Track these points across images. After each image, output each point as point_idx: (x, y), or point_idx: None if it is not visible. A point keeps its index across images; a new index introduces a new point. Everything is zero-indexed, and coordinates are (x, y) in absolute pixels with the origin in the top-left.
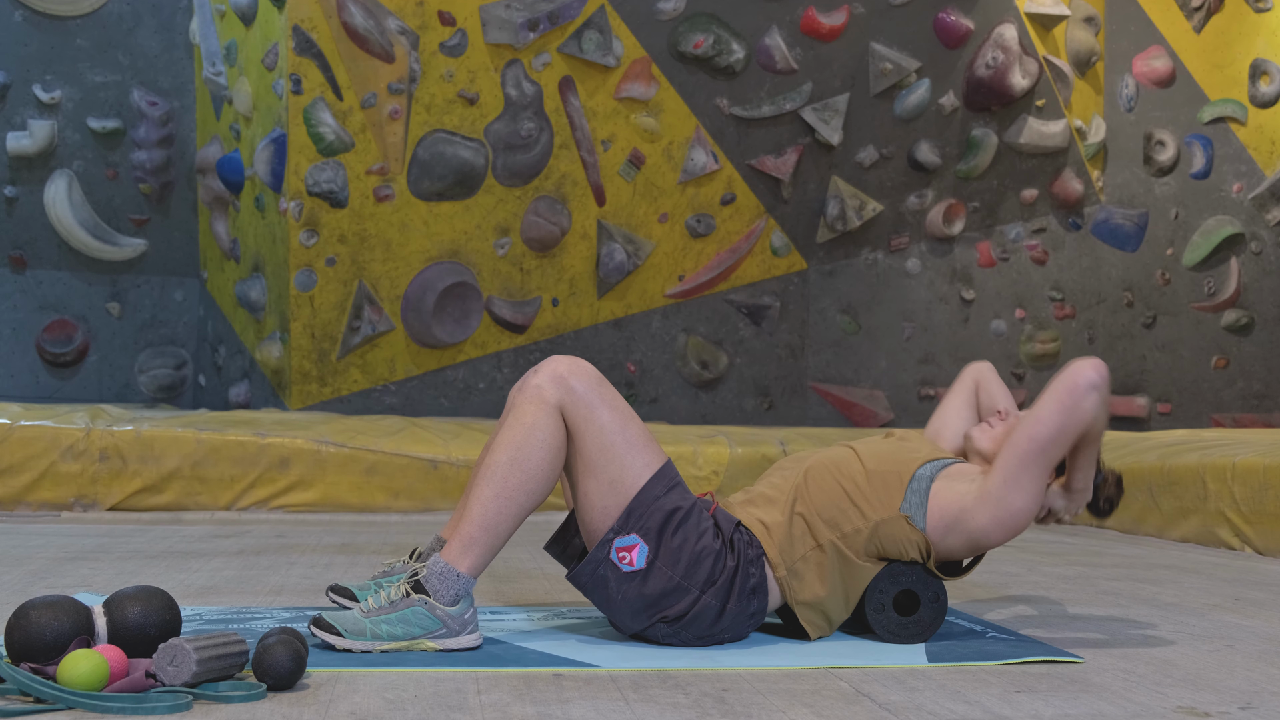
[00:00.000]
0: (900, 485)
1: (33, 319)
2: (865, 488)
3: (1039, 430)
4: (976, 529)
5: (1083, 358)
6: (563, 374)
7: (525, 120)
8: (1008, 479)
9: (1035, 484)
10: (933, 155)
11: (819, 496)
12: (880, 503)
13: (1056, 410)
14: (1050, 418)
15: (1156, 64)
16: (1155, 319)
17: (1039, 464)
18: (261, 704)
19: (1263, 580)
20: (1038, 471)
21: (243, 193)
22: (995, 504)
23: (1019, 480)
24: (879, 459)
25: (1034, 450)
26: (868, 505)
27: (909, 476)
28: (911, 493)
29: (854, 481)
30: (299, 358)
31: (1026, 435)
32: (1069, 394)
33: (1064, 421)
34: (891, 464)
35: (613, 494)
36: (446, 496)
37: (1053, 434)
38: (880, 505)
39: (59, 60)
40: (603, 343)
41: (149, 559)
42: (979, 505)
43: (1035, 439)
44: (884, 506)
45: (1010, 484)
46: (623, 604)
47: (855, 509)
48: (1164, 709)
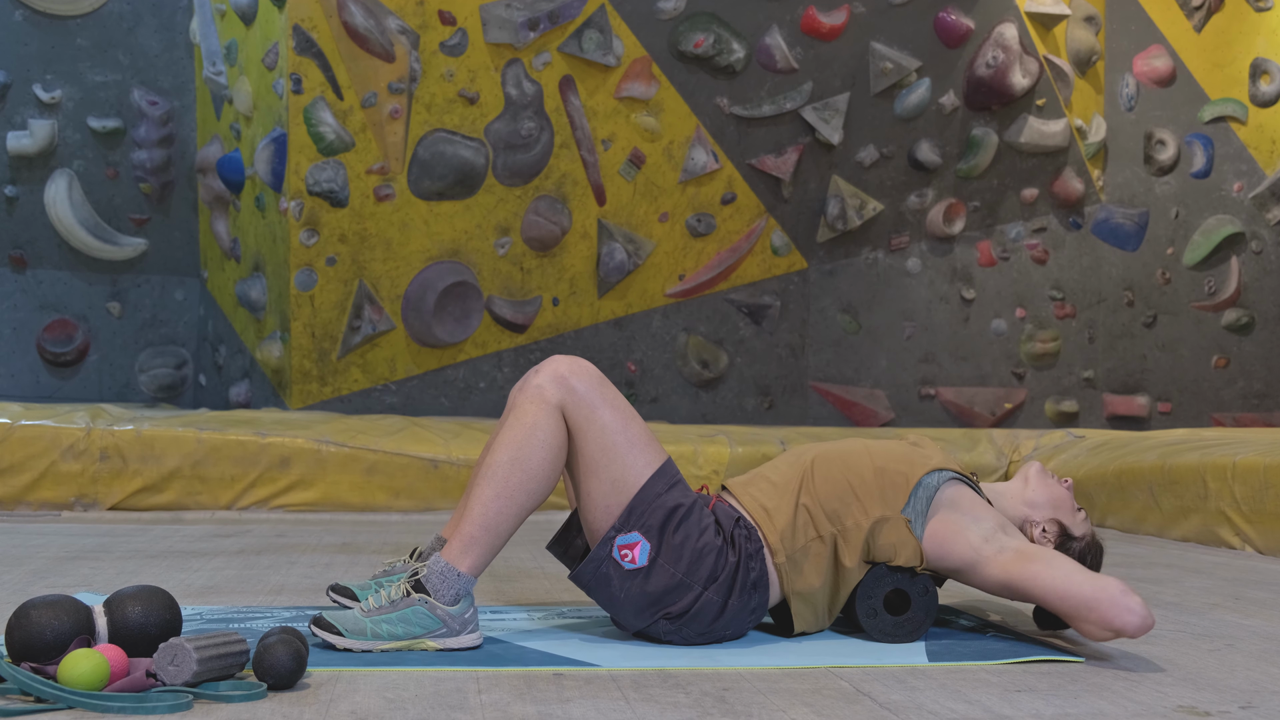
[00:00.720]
0: (905, 487)
1: (33, 318)
2: (871, 484)
3: (1054, 600)
4: (973, 581)
5: (1142, 604)
6: (564, 374)
7: (525, 120)
8: (1007, 586)
9: (1020, 600)
10: (933, 155)
11: (824, 487)
12: (884, 501)
13: (1079, 608)
14: (1073, 604)
15: (1157, 63)
16: (1156, 318)
17: (1032, 601)
18: (262, 703)
19: (1263, 579)
20: (1028, 601)
21: (243, 192)
22: (984, 583)
23: (1012, 594)
24: (888, 458)
25: (1038, 598)
26: (871, 502)
27: (915, 480)
28: (915, 498)
29: (861, 476)
30: (299, 357)
31: (1046, 588)
32: (1099, 616)
33: (1073, 617)
34: (900, 465)
35: (614, 493)
36: (447, 496)
37: (1059, 610)
38: (883, 504)
39: (59, 60)
40: (603, 342)
41: (149, 558)
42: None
43: (1045, 597)
44: (887, 505)
45: (1004, 589)
46: (626, 602)
47: (858, 503)
48: (1164, 708)
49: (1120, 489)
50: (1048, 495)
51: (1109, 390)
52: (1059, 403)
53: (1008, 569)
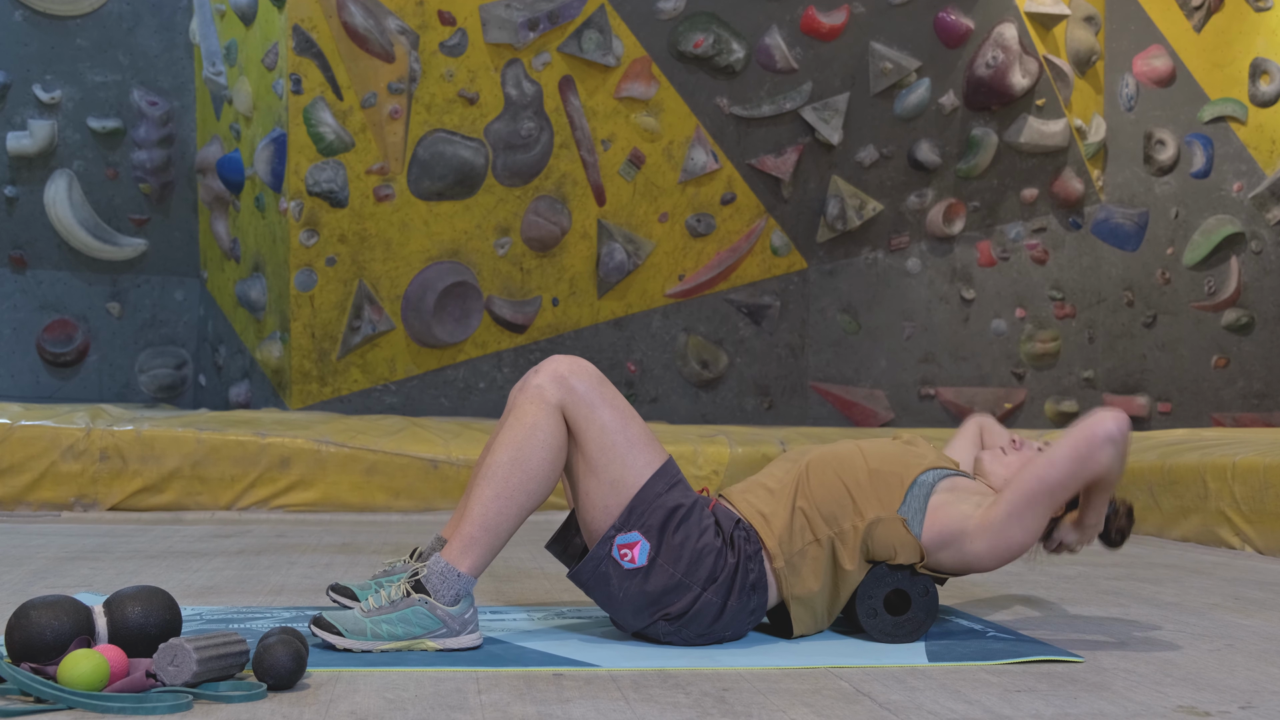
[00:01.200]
0: (901, 487)
1: (33, 319)
2: (866, 485)
3: (1049, 473)
4: (971, 553)
5: (1107, 409)
6: (564, 374)
7: (525, 120)
8: (1011, 513)
9: (1036, 522)
10: (933, 155)
11: (819, 491)
12: (879, 502)
13: (1070, 457)
14: (1062, 463)
15: (1157, 63)
16: (1155, 318)
17: (1043, 505)
18: (262, 704)
19: (1263, 579)
20: (1041, 511)
21: (243, 192)
22: (994, 535)
23: (1021, 516)
24: (882, 459)
25: (1041, 491)
26: (866, 504)
27: (910, 480)
28: (911, 497)
29: (855, 478)
30: (299, 357)
31: (1036, 475)
32: (1085, 443)
33: (1075, 469)
34: (894, 465)
35: (614, 492)
36: (447, 496)
37: (1061, 479)
38: (879, 505)
39: (59, 60)
40: (603, 342)
41: (149, 559)
42: (979, 532)
43: (1044, 481)
44: (882, 506)
45: (1012, 518)
46: (625, 601)
47: (854, 505)
48: (1164, 708)
49: (1120, 489)
50: (1003, 470)
51: (1109, 390)
52: (1059, 403)
53: (1000, 499)
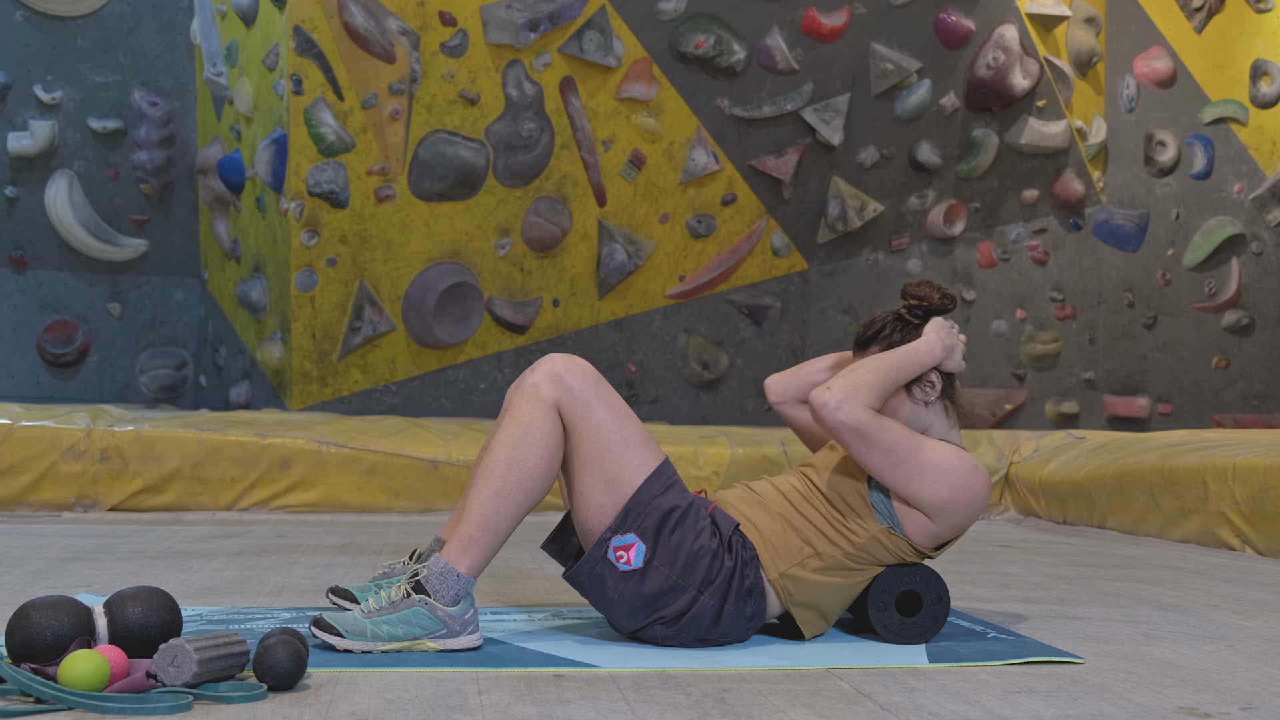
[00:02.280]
0: (863, 500)
1: (33, 319)
2: (843, 509)
3: (857, 426)
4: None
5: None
6: (560, 372)
7: (526, 121)
8: (891, 460)
9: (899, 432)
10: (933, 156)
11: (808, 508)
12: (859, 524)
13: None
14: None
15: (1157, 64)
16: (1156, 319)
17: (879, 430)
18: (262, 704)
19: (1263, 581)
20: (883, 430)
21: (243, 193)
22: (912, 475)
23: (889, 449)
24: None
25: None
26: (847, 528)
27: (865, 489)
28: (878, 502)
29: (830, 506)
30: (300, 358)
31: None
32: (818, 410)
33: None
34: (846, 482)
35: (610, 493)
36: (447, 497)
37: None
38: (860, 526)
39: (60, 60)
40: (603, 343)
41: (150, 559)
42: (906, 484)
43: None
44: (863, 526)
45: (893, 456)
46: (620, 603)
47: (845, 527)
48: (1164, 709)
49: (1121, 490)
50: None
51: (1109, 391)
52: (1059, 404)
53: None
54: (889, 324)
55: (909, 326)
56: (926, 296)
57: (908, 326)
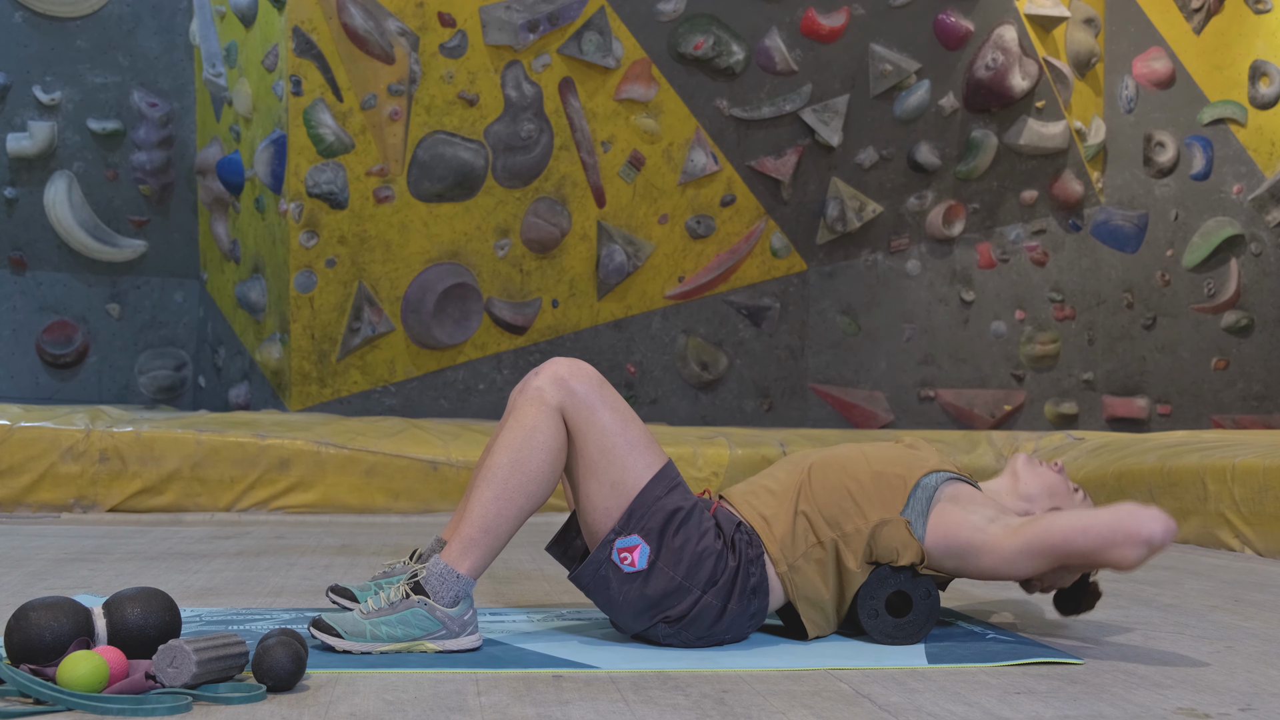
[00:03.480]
0: (904, 489)
1: (33, 320)
2: (869, 488)
3: (1076, 539)
4: (973, 567)
5: (1161, 512)
6: (564, 376)
7: (525, 121)
8: (1025, 551)
9: (1042, 567)
10: (932, 156)
11: (822, 494)
12: (882, 504)
13: (1104, 534)
14: (1095, 538)
15: (1156, 65)
16: (1155, 320)
17: (1054, 559)
18: (261, 705)
19: (1263, 582)
20: (1050, 562)
21: (242, 194)
22: (1001, 560)
23: (1033, 558)
24: (885, 461)
25: (1060, 549)
26: (870, 505)
27: (913, 482)
28: (914, 500)
29: (858, 481)
30: (299, 359)
31: (1064, 532)
32: (1125, 534)
33: (1101, 549)
34: (897, 467)
35: (614, 495)
36: (446, 498)
37: (1084, 550)
38: (882, 507)
39: (59, 61)
40: (602, 344)
41: (149, 560)
42: (989, 551)
43: (1068, 543)
44: (885, 508)
45: (1024, 555)
46: (624, 604)
47: (857, 508)
48: (1164, 710)
49: (1120, 491)
50: (1041, 484)
51: (1108, 392)
52: (1058, 405)
53: (1020, 533)
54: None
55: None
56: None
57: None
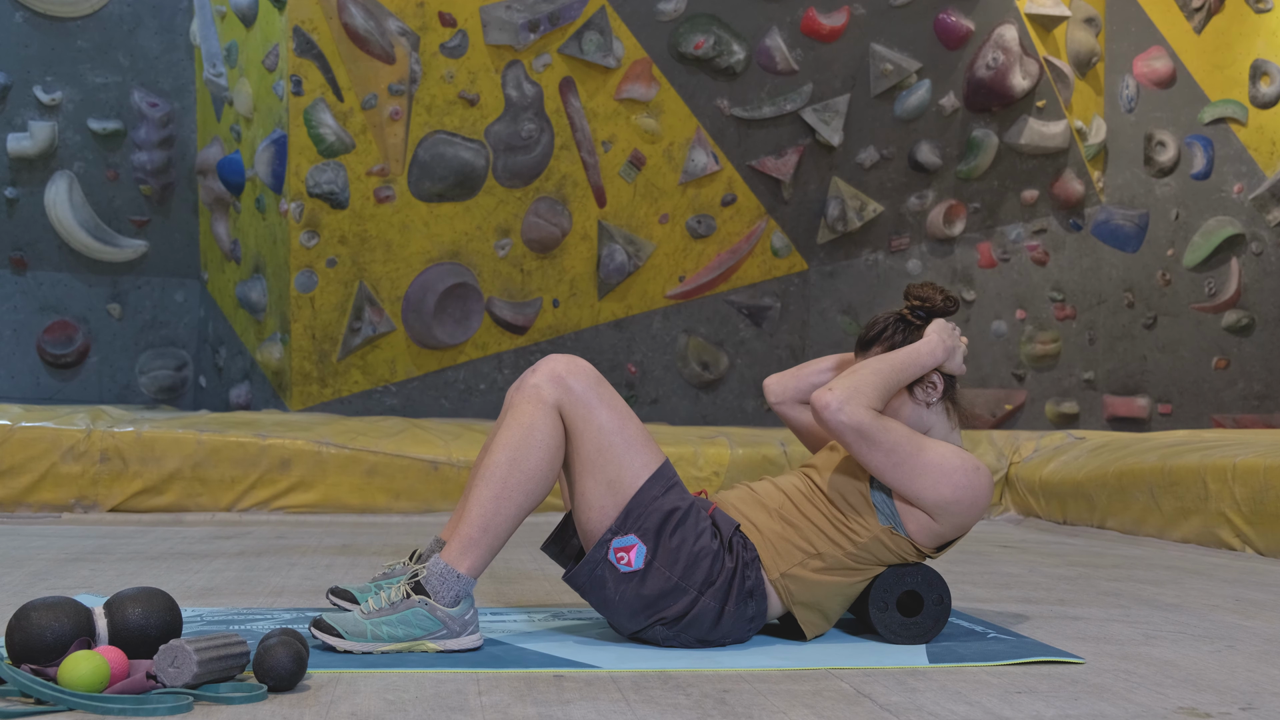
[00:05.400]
0: (865, 500)
1: (33, 320)
2: (844, 509)
3: (885, 367)
4: (932, 501)
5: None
6: (561, 373)
7: (526, 121)
8: (894, 460)
9: (902, 432)
10: (933, 156)
11: (804, 524)
12: (860, 524)
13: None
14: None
15: (1157, 65)
16: (1156, 319)
17: (881, 431)
18: (262, 705)
19: (1264, 581)
20: (885, 431)
21: (243, 194)
22: (914, 475)
23: (891, 450)
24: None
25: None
26: (848, 528)
27: (868, 489)
28: (880, 502)
29: (832, 506)
30: (299, 359)
31: (872, 371)
32: (820, 410)
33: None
34: (849, 483)
35: (610, 494)
36: (447, 498)
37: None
38: (861, 525)
39: (59, 61)
40: (603, 344)
41: (150, 560)
42: (894, 465)
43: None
44: (865, 526)
45: (895, 457)
46: (620, 605)
47: (846, 528)
48: (1165, 710)
49: (1121, 490)
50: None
51: (1109, 392)
52: (1059, 404)
53: (883, 468)
54: (891, 325)
55: (911, 328)
56: (929, 298)
57: (910, 328)
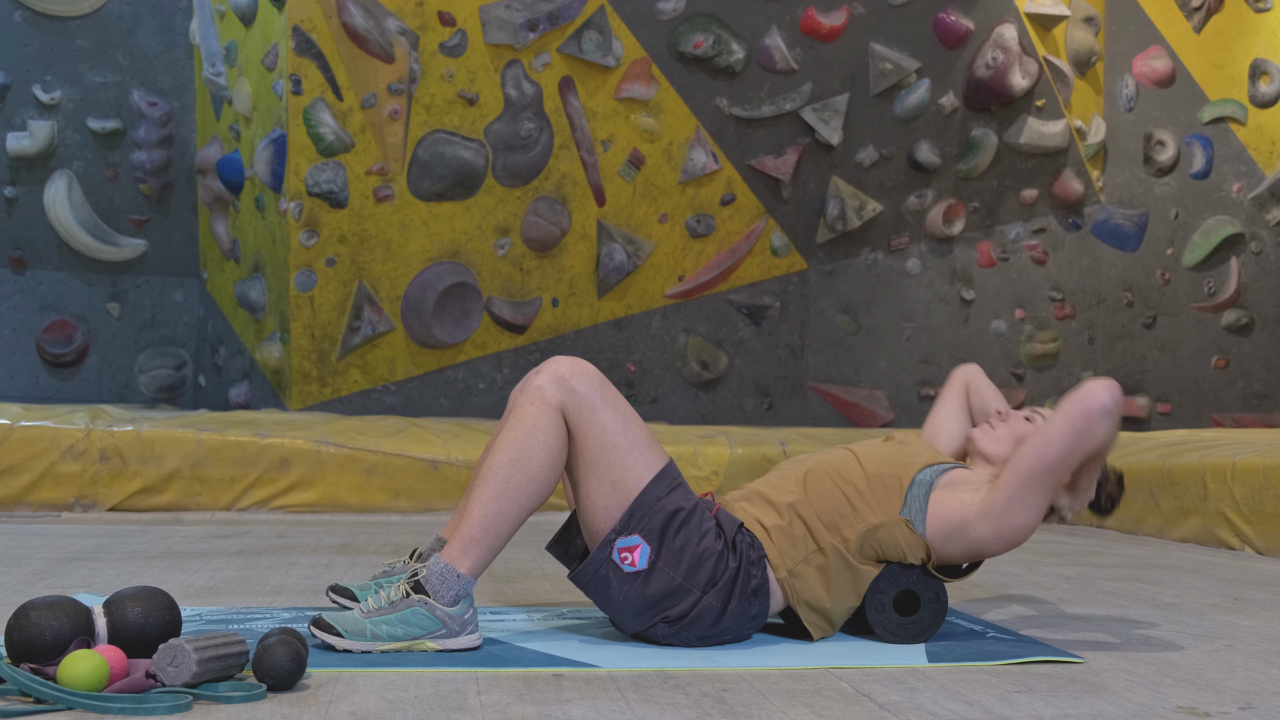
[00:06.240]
0: (900, 489)
1: (33, 319)
2: (865, 491)
3: (1047, 452)
4: (977, 539)
5: (1097, 379)
6: (564, 375)
7: (525, 120)
8: (1012, 496)
9: (1039, 502)
10: (933, 155)
11: (819, 500)
12: (880, 506)
13: (1067, 433)
14: (1060, 440)
15: (1156, 64)
16: (1155, 319)
17: (1045, 484)
18: (261, 704)
19: (1263, 580)
20: (1043, 491)
21: (243, 193)
22: (997, 518)
23: (1023, 498)
24: (878, 462)
25: (1040, 471)
26: (867, 509)
27: (909, 481)
28: (911, 497)
29: (853, 485)
30: (299, 358)
31: (1034, 455)
32: (1081, 418)
33: (1074, 444)
34: (891, 467)
35: (615, 495)
36: (446, 497)
37: (1060, 456)
38: (880, 509)
39: (59, 61)
40: (603, 343)
41: (149, 559)
42: (981, 517)
43: (1043, 460)
44: (884, 510)
45: (1014, 501)
46: (624, 604)
47: (855, 512)
48: (1164, 709)
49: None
50: (996, 444)
51: None
52: (1059, 403)
53: (999, 483)
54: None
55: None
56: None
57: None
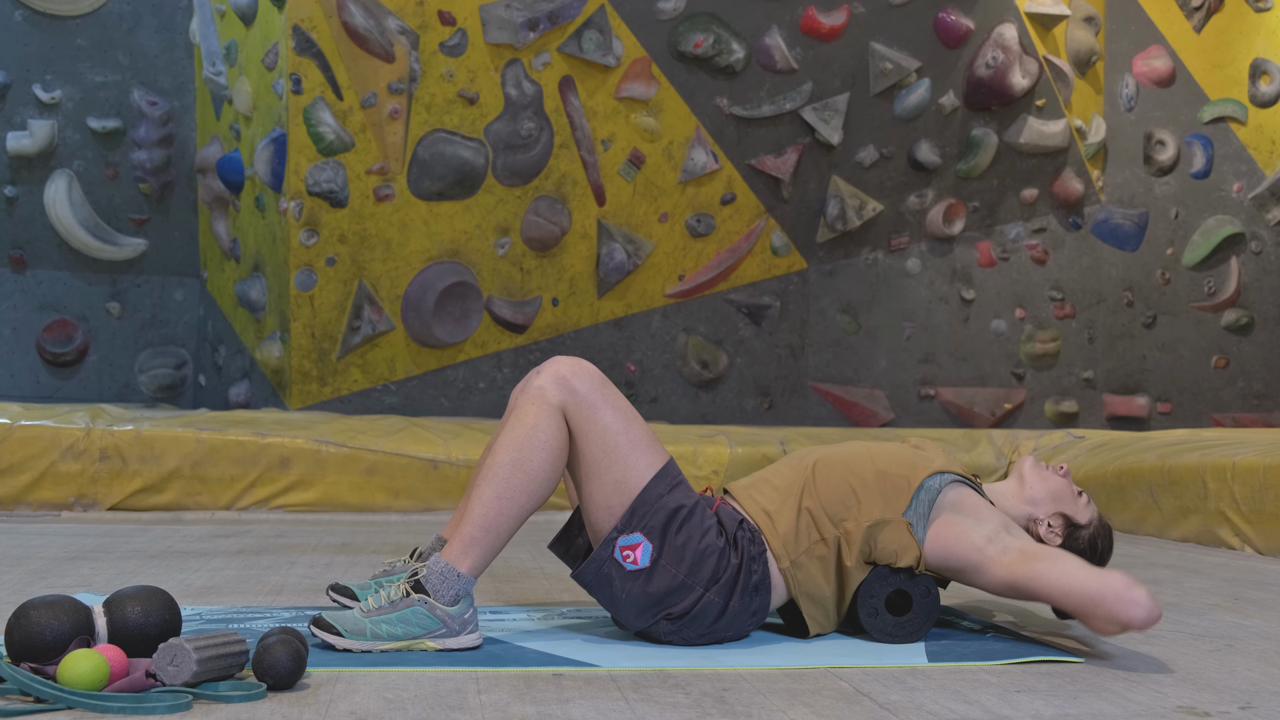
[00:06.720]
0: (908, 489)
1: (33, 319)
2: (873, 486)
3: (1060, 599)
4: (967, 581)
5: (1147, 597)
6: (565, 375)
7: (525, 120)
8: (1013, 588)
9: (1038, 596)
10: (933, 155)
11: (826, 490)
12: (885, 503)
13: (1086, 606)
14: (1078, 603)
15: (1156, 64)
16: (1155, 319)
17: (1039, 600)
18: (261, 704)
19: (1263, 580)
20: (1035, 600)
21: (243, 192)
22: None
23: (1020, 595)
24: (890, 460)
25: (1044, 598)
26: (872, 504)
27: (917, 483)
28: (917, 501)
29: (862, 479)
30: (299, 357)
31: (1050, 587)
32: (1106, 611)
33: (1080, 615)
34: (901, 467)
35: (616, 493)
36: (447, 496)
37: (1065, 608)
38: (884, 506)
39: (59, 60)
40: (603, 342)
41: (149, 559)
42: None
43: (1052, 597)
44: (888, 507)
45: (1012, 591)
46: (627, 602)
47: (859, 506)
48: (1164, 709)
49: (1120, 489)
50: (1046, 489)
51: (1109, 391)
52: (1059, 403)
53: (1012, 570)
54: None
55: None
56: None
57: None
